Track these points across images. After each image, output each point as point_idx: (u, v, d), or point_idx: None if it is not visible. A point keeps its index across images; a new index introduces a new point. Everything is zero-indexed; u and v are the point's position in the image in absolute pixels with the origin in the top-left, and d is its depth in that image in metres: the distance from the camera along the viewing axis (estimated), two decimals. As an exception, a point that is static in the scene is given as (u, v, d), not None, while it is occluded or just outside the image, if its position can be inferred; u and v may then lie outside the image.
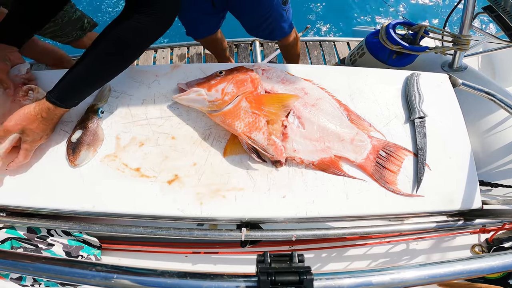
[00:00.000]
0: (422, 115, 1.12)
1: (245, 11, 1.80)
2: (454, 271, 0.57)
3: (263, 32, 1.93)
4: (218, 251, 1.12)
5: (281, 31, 1.96)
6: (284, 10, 1.80)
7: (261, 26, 1.87)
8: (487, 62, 2.44)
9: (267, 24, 1.84)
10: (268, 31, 1.92)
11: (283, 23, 1.89)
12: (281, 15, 1.82)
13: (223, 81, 1.06)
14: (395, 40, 1.88)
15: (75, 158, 1.00)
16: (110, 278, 0.55)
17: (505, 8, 1.39)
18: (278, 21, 1.85)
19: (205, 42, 2.26)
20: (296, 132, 1.04)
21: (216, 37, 2.18)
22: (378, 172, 1.03)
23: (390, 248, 1.16)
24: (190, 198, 0.96)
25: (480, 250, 1.13)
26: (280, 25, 1.90)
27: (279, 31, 1.95)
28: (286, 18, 1.87)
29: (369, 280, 0.55)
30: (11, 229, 0.98)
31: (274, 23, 1.86)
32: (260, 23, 1.85)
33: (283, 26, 1.92)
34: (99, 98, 1.13)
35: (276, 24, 1.87)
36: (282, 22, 1.88)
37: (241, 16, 1.86)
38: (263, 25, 1.85)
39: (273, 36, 2.00)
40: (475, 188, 1.03)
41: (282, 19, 1.86)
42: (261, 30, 1.92)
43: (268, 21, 1.82)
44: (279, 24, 1.88)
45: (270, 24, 1.85)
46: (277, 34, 1.98)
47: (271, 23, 1.85)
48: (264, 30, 1.91)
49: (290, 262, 0.56)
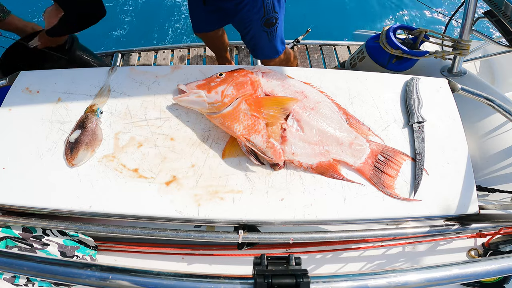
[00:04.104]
0: (421, 120, 1.12)
1: (229, 16, 1.72)
2: (450, 275, 0.57)
3: (248, 45, 1.83)
4: (215, 253, 1.12)
5: (262, 52, 1.82)
6: (265, 31, 1.67)
7: (244, 38, 1.77)
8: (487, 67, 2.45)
9: (249, 38, 1.74)
10: (250, 47, 1.82)
11: (264, 44, 1.75)
12: (262, 36, 1.69)
13: (223, 83, 1.06)
14: (395, 44, 1.89)
15: (73, 158, 1.00)
16: (106, 279, 0.55)
17: (506, 13, 1.40)
18: (258, 40, 1.73)
19: (204, 38, 2.22)
20: (295, 135, 1.04)
21: (215, 35, 2.14)
22: (376, 176, 1.03)
23: (386, 251, 1.16)
24: (188, 199, 0.96)
25: (476, 254, 1.13)
26: (261, 45, 1.76)
27: (259, 50, 1.81)
28: (268, 40, 1.72)
29: (366, 284, 0.55)
30: (6, 228, 0.97)
31: (254, 41, 1.74)
32: (243, 35, 1.75)
33: (264, 47, 1.78)
34: (98, 98, 1.13)
35: (256, 42, 1.74)
36: (263, 43, 1.74)
37: (228, 20, 1.80)
38: (246, 37, 1.75)
39: (254, 54, 1.86)
40: (472, 193, 1.03)
41: (263, 40, 1.72)
42: (246, 43, 1.81)
43: (249, 36, 1.72)
44: (259, 43, 1.75)
45: (251, 40, 1.74)
46: (258, 53, 1.84)
47: (252, 39, 1.73)
48: (248, 43, 1.81)
49: (287, 265, 0.56)
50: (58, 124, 1.08)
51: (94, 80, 1.19)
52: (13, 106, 1.12)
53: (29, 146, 1.04)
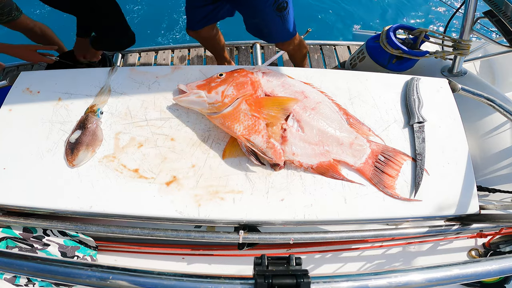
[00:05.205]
0: (421, 120, 1.12)
1: (239, 4, 1.79)
2: (451, 275, 0.57)
3: (259, 32, 1.91)
4: (216, 253, 1.12)
5: (277, 35, 1.93)
6: (278, 16, 1.76)
7: (257, 25, 1.85)
8: (487, 67, 2.45)
9: (263, 24, 1.82)
10: (264, 33, 1.90)
11: (278, 28, 1.85)
12: (275, 20, 1.78)
13: (223, 83, 1.06)
14: (395, 44, 1.89)
15: (74, 158, 1.00)
16: (106, 279, 0.55)
17: (506, 13, 1.39)
18: (272, 25, 1.82)
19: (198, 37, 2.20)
20: (295, 136, 1.04)
21: (209, 34, 2.14)
22: (377, 177, 1.03)
23: (387, 251, 1.16)
24: (188, 199, 0.96)
25: (477, 254, 1.13)
26: (276, 30, 1.86)
27: (275, 35, 1.92)
28: (281, 24, 1.83)
29: (366, 284, 0.55)
30: (7, 228, 0.97)
31: (268, 26, 1.83)
32: (255, 22, 1.83)
33: (279, 31, 1.88)
34: (98, 98, 1.13)
35: (271, 27, 1.84)
36: (278, 27, 1.84)
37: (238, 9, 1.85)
38: (258, 24, 1.84)
39: (268, 39, 1.98)
40: (472, 193, 1.03)
41: (277, 24, 1.82)
42: (257, 30, 1.89)
43: (263, 22, 1.80)
44: (274, 28, 1.84)
45: (265, 26, 1.83)
46: (274, 37, 1.95)
47: (266, 25, 1.82)
48: (260, 30, 1.89)
49: (287, 265, 0.56)
50: (59, 125, 1.08)
51: (95, 80, 1.19)
52: (13, 107, 1.12)
53: (30, 146, 1.04)
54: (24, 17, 2.06)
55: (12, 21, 2.01)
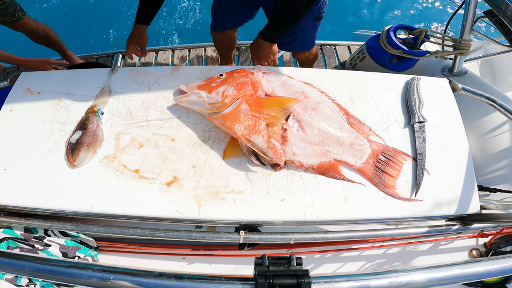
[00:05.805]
0: (422, 119, 1.12)
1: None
2: (452, 275, 0.57)
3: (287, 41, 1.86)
4: (216, 253, 1.12)
5: (305, 43, 1.91)
6: (314, 25, 1.76)
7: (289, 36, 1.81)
8: (487, 67, 2.44)
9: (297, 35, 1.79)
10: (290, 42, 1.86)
11: (308, 36, 1.84)
12: (310, 29, 1.78)
13: (224, 83, 1.06)
14: (395, 44, 1.88)
15: (74, 158, 1.00)
16: (107, 279, 0.55)
17: (506, 12, 1.39)
18: (305, 32, 1.80)
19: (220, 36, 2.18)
20: (295, 136, 1.04)
21: (231, 34, 2.13)
22: (377, 177, 1.03)
23: (388, 251, 1.16)
24: (188, 200, 0.96)
25: (478, 254, 1.13)
26: (306, 37, 1.84)
27: (305, 42, 1.90)
28: (312, 33, 1.83)
29: (367, 284, 0.54)
30: (8, 229, 0.98)
31: (301, 33, 1.80)
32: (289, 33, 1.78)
33: (308, 39, 1.87)
34: (99, 99, 1.13)
35: (303, 34, 1.82)
36: (308, 35, 1.84)
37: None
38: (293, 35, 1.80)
39: (292, 48, 1.96)
40: (473, 193, 1.03)
41: (309, 32, 1.81)
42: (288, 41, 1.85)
43: (298, 32, 1.77)
44: (305, 35, 1.82)
45: (297, 31, 1.79)
46: (299, 45, 1.92)
47: (298, 31, 1.79)
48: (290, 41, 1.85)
49: (288, 265, 0.56)
50: (59, 125, 1.08)
51: (95, 81, 1.19)
52: (14, 107, 1.12)
53: (30, 147, 1.04)
54: (27, 18, 2.06)
55: (15, 22, 2.01)
